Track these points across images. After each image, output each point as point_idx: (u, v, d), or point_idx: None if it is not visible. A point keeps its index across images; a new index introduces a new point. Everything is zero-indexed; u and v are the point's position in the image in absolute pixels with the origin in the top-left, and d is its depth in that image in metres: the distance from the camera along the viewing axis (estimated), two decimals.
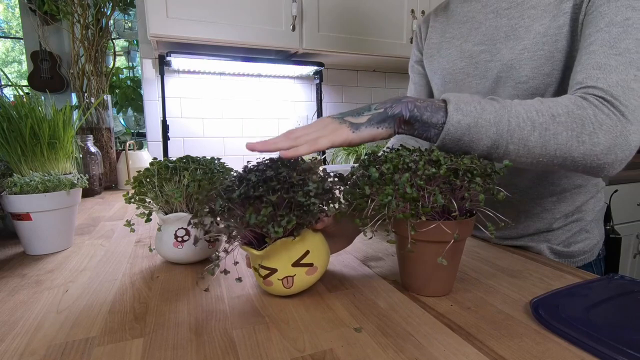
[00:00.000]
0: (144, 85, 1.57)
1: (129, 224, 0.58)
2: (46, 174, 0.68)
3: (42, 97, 0.85)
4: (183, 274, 0.55)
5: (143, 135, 1.76)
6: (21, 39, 2.49)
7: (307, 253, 0.45)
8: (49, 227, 0.64)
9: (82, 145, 1.25)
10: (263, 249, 0.43)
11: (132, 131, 1.97)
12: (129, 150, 1.38)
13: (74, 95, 1.48)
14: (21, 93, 0.76)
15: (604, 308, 0.40)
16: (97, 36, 1.43)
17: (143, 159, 1.42)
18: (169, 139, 1.48)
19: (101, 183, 1.31)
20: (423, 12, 1.59)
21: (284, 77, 1.77)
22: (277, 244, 0.43)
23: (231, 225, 0.43)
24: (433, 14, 0.81)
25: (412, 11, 1.58)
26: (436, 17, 0.80)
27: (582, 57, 0.51)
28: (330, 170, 0.49)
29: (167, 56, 1.31)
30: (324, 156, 1.72)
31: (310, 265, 0.45)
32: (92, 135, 1.30)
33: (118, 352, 0.36)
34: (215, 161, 0.62)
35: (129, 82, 1.93)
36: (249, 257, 0.48)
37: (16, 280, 0.53)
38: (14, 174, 0.69)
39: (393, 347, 0.36)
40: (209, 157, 0.63)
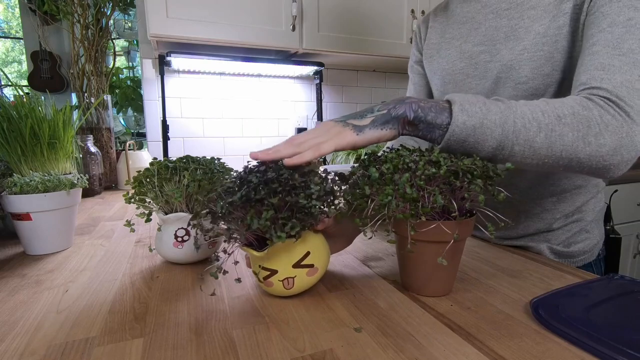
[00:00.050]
0: (144, 85, 1.57)
1: (129, 224, 0.58)
2: (46, 174, 0.68)
3: (42, 97, 0.85)
4: (183, 274, 0.55)
5: (143, 135, 1.76)
6: (21, 39, 2.49)
7: (307, 254, 0.45)
8: (49, 227, 0.64)
9: (82, 145, 1.25)
10: (264, 250, 0.43)
11: (132, 131, 1.97)
12: (129, 150, 1.38)
13: (74, 95, 1.48)
14: (21, 93, 0.76)
15: (604, 308, 0.40)
16: (97, 36, 1.43)
17: (143, 159, 1.42)
18: (169, 139, 1.48)
19: (101, 183, 1.31)
20: (423, 12, 1.59)
21: (284, 77, 1.77)
22: (277, 246, 0.43)
23: (232, 228, 0.43)
24: (432, 14, 0.81)
25: (412, 11, 1.58)
26: (435, 18, 0.79)
27: (585, 57, 0.51)
28: (330, 170, 0.49)
29: (167, 56, 1.31)
30: (323, 157, 1.72)
31: (310, 266, 0.45)
32: (92, 135, 1.30)
33: (118, 352, 0.36)
34: (215, 161, 0.62)
35: (129, 82, 1.93)
36: (249, 257, 0.48)
37: (16, 280, 0.53)
38: (14, 174, 0.69)
39: (393, 347, 0.36)
40: (209, 157, 0.63)
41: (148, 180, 0.58)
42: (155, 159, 0.61)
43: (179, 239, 0.56)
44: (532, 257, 0.61)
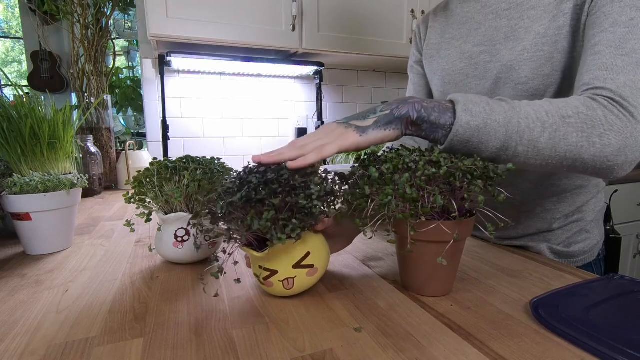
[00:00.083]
0: (144, 85, 1.57)
1: (129, 224, 0.58)
2: (46, 174, 0.68)
3: (42, 97, 0.85)
4: (183, 274, 0.55)
5: (143, 135, 1.76)
6: (21, 39, 2.49)
7: (307, 254, 0.45)
8: (49, 227, 0.64)
9: (82, 145, 1.25)
10: (264, 251, 0.42)
11: (132, 131, 1.98)
12: (129, 150, 1.38)
13: (74, 95, 1.48)
14: (21, 93, 0.76)
15: (604, 308, 0.40)
16: (97, 36, 1.43)
17: (143, 159, 1.42)
18: (169, 139, 1.48)
19: (101, 183, 1.31)
20: (423, 12, 1.59)
21: (284, 77, 1.77)
22: (278, 246, 0.42)
23: (232, 228, 0.43)
24: (432, 14, 0.81)
25: (412, 11, 1.58)
26: (435, 17, 0.79)
27: (588, 58, 0.51)
28: (330, 170, 0.49)
29: (167, 56, 1.31)
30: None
31: (311, 266, 0.45)
32: (92, 135, 1.30)
33: (118, 352, 0.36)
34: (215, 161, 0.62)
35: (129, 82, 1.93)
36: (249, 257, 0.48)
37: (16, 280, 0.53)
38: (14, 174, 0.69)
39: (393, 347, 0.36)
40: (209, 157, 0.63)
41: (148, 180, 0.58)
42: (155, 159, 0.61)
43: (179, 239, 0.56)
44: (532, 257, 0.61)
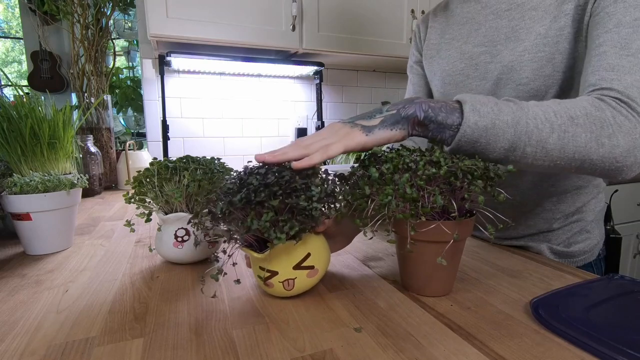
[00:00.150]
0: (144, 85, 1.57)
1: (129, 224, 0.58)
2: (46, 174, 0.68)
3: (42, 97, 0.85)
4: (183, 274, 0.55)
5: (143, 135, 1.76)
6: (21, 39, 2.49)
7: (308, 256, 0.45)
8: (49, 227, 0.64)
9: (82, 145, 1.25)
10: (264, 252, 0.42)
11: (132, 131, 1.97)
12: (129, 150, 1.38)
13: (74, 95, 1.48)
14: (21, 93, 0.76)
15: (604, 308, 0.40)
16: (97, 36, 1.43)
17: (143, 159, 1.42)
18: (169, 139, 1.48)
19: (101, 183, 1.31)
20: (423, 12, 1.59)
21: (284, 77, 1.77)
22: (278, 247, 0.42)
23: (232, 229, 0.43)
24: (432, 14, 0.81)
25: (412, 11, 1.58)
26: (435, 18, 0.79)
27: (593, 59, 0.50)
28: (330, 170, 0.49)
29: (167, 56, 1.31)
30: None
31: (311, 267, 0.45)
32: (92, 135, 1.30)
33: (118, 352, 0.36)
34: (215, 161, 0.62)
35: (129, 82, 1.93)
36: (249, 258, 0.48)
37: (16, 280, 0.53)
38: (14, 174, 0.69)
39: (393, 347, 0.36)
40: (209, 157, 0.63)
41: (148, 180, 0.58)
42: (155, 159, 0.61)
43: (179, 239, 0.56)
44: (532, 257, 0.61)
